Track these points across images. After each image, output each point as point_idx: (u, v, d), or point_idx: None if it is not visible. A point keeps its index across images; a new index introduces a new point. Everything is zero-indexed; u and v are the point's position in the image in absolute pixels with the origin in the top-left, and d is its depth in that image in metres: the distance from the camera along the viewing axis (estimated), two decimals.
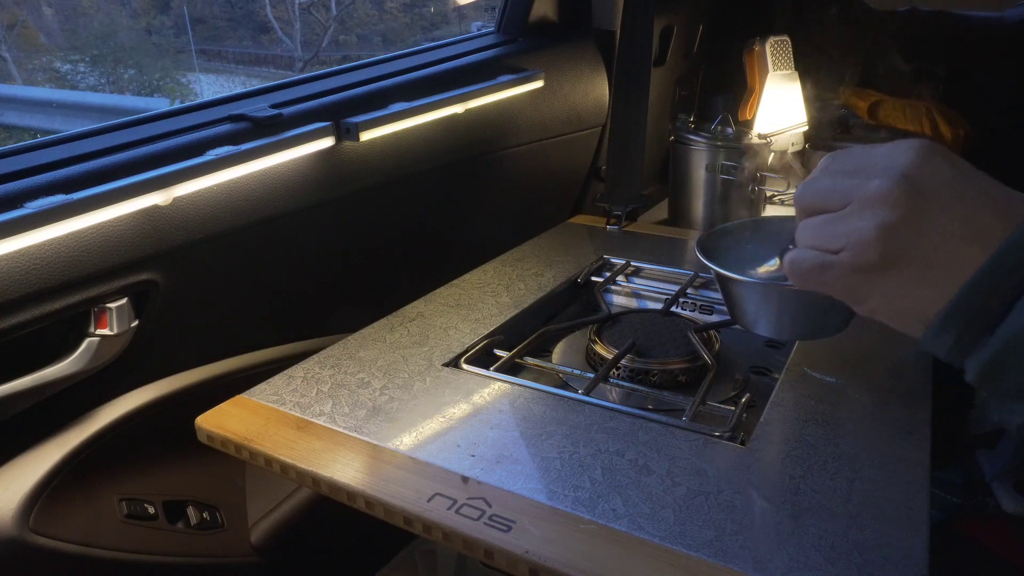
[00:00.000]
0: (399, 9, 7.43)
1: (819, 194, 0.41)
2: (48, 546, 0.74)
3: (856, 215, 0.38)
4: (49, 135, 0.77)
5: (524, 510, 0.53)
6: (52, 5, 5.71)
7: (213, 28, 7.20)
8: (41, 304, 0.68)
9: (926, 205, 0.36)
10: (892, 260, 0.37)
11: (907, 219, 0.36)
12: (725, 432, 0.63)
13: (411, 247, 1.10)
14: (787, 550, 0.49)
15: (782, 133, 1.39)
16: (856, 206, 0.38)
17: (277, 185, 0.85)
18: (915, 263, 0.37)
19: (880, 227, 0.37)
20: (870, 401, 0.67)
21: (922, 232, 0.36)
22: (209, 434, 0.64)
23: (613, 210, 1.17)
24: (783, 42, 1.41)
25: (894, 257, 0.37)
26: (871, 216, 0.37)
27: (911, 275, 0.37)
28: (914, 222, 0.36)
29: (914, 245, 0.37)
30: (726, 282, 0.65)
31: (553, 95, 1.20)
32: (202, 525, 0.88)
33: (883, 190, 0.37)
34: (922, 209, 0.36)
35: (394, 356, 0.76)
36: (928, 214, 0.36)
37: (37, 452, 0.75)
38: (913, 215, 0.36)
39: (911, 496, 0.54)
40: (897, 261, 0.37)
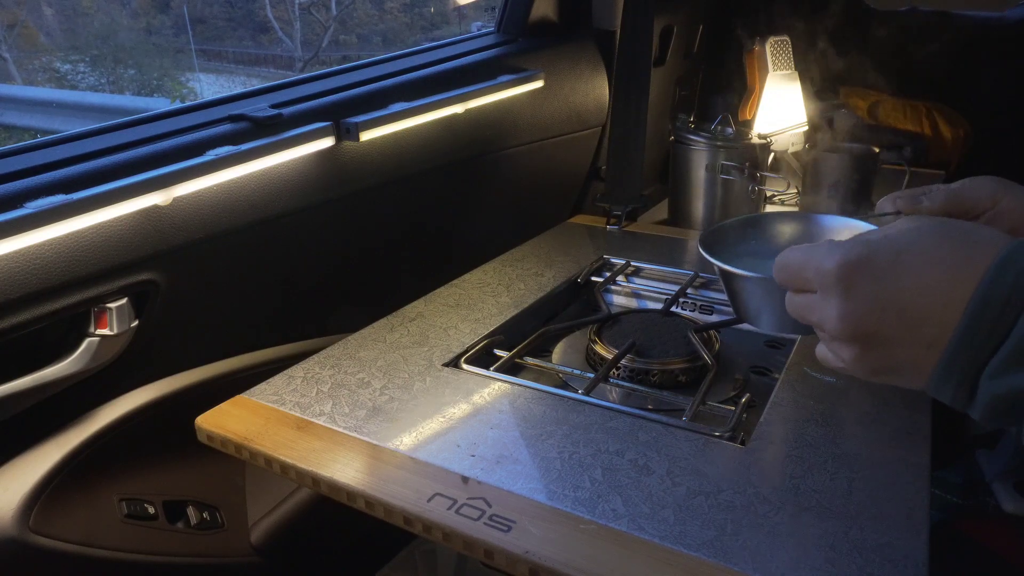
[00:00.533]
0: (399, 9, 7.43)
1: (801, 319, 0.45)
2: (48, 546, 0.74)
3: (834, 346, 0.43)
4: (49, 135, 0.77)
5: (524, 510, 0.53)
6: (52, 5, 5.71)
7: (213, 28, 7.20)
8: (41, 304, 0.68)
9: (876, 331, 0.39)
10: (877, 373, 0.42)
11: (869, 348, 0.40)
12: (725, 432, 0.62)
13: (411, 247, 1.10)
14: (787, 550, 0.49)
15: (782, 133, 1.39)
16: (827, 337, 0.43)
17: (277, 185, 0.85)
18: (896, 372, 0.41)
19: (853, 360, 0.42)
20: (870, 401, 0.67)
21: (884, 351, 0.40)
22: (209, 434, 0.64)
23: (613, 210, 1.17)
24: (783, 42, 1.41)
25: (878, 372, 0.42)
26: (843, 350, 0.42)
27: (896, 376, 0.41)
28: (874, 347, 0.40)
29: (885, 362, 0.41)
30: (729, 278, 0.64)
31: (553, 95, 1.20)
32: (202, 525, 0.88)
33: (835, 331, 0.41)
34: (874, 335, 0.40)
35: (394, 356, 0.76)
36: (880, 337, 0.39)
37: (37, 452, 0.75)
38: (870, 342, 0.40)
39: (911, 496, 0.54)
40: (882, 373, 0.42)
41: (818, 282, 0.41)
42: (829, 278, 0.40)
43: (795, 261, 0.43)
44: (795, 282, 0.44)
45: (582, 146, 1.32)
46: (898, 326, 0.39)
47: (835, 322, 0.40)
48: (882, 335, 0.39)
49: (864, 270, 0.39)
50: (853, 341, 0.41)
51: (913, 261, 0.38)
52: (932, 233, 0.39)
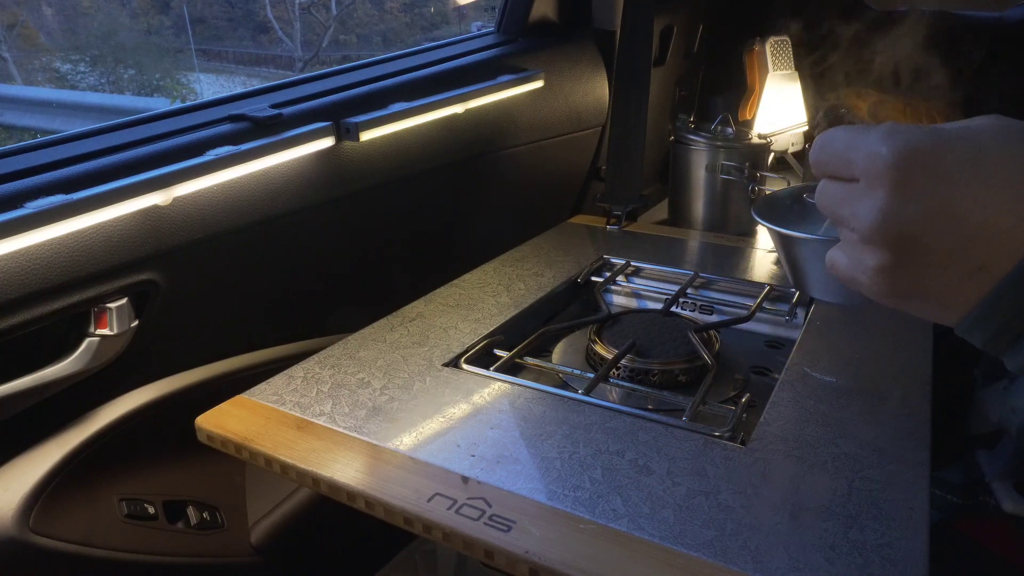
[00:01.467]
0: (399, 9, 7.44)
1: (829, 213, 0.38)
2: (48, 546, 0.74)
3: (860, 248, 0.36)
4: (49, 135, 0.77)
5: (524, 510, 0.53)
6: (52, 5, 5.72)
7: (213, 28, 7.21)
8: (41, 304, 0.68)
9: (918, 241, 0.34)
10: (904, 295, 0.36)
11: (901, 262, 0.34)
12: (725, 432, 0.63)
13: (411, 247, 1.10)
14: (787, 550, 0.49)
15: (782, 133, 1.39)
16: (855, 236, 0.36)
17: (277, 185, 0.85)
18: (927, 295, 0.35)
19: (878, 270, 0.35)
20: (870, 401, 0.67)
21: (920, 270, 0.34)
22: (209, 434, 0.64)
23: (613, 210, 1.17)
24: (783, 42, 1.41)
25: (905, 292, 0.36)
26: (870, 256, 0.35)
27: (926, 303, 0.36)
28: (910, 262, 0.34)
29: (918, 283, 0.35)
30: (784, 241, 0.62)
31: (553, 95, 1.20)
32: (202, 525, 0.88)
33: (869, 231, 0.35)
34: (915, 246, 0.34)
35: (394, 356, 0.76)
36: (922, 250, 0.34)
37: (37, 452, 0.75)
38: (906, 255, 0.34)
39: (911, 496, 0.54)
40: (909, 296, 0.36)
41: (864, 167, 0.34)
42: (880, 165, 0.33)
43: (841, 139, 0.36)
44: (835, 164, 0.36)
45: (582, 146, 1.32)
46: (949, 239, 0.32)
47: (872, 217, 0.34)
48: (925, 246, 0.33)
49: (928, 165, 0.32)
50: (887, 246, 0.34)
51: (987, 166, 0.32)
52: (1016, 137, 0.33)
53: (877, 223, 0.34)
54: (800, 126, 1.43)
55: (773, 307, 0.91)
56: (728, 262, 1.02)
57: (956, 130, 0.33)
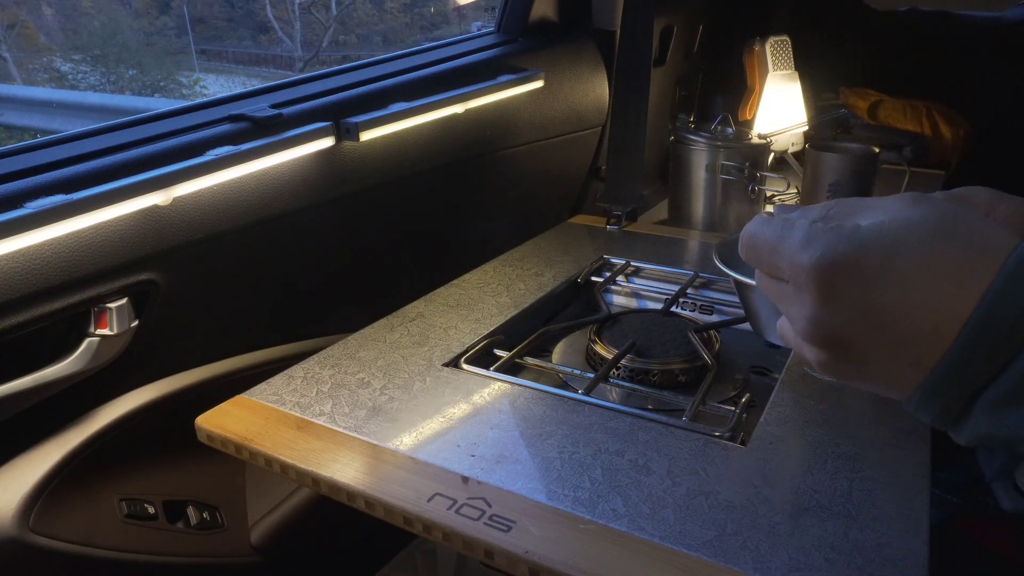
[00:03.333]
0: (399, 9, 7.44)
1: (762, 289, 0.39)
2: (48, 546, 0.74)
3: (799, 340, 0.37)
4: (49, 135, 0.77)
5: (524, 510, 0.53)
6: (52, 5, 5.72)
7: (213, 28, 7.21)
8: (41, 304, 0.68)
9: (851, 344, 0.34)
10: (846, 381, 0.37)
11: (838, 358, 0.35)
12: (725, 432, 0.63)
13: (411, 247, 1.10)
14: (787, 550, 0.49)
15: (782, 133, 1.39)
16: (792, 332, 0.38)
17: (277, 185, 0.85)
18: (866, 384, 0.36)
19: (820, 364, 0.36)
20: (870, 401, 0.67)
21: (856, 369, 0.35)
22: (209, 434, 0.64)
23: (613, 210, 1.17)
24: (783, 42, 1.41)
25: (848, 378, 0.37)
26: (810, 352, 0.37)
27: (874, 384, 0.37)
28: (847, 360, 0.35)
29: (854, 377, 0.36)
30: (742, 288, 0.64)
31: (553, 95, 1.20)
32: (202, 525, 0.88)
33: (803, 332, 0.36)
34: (848, 348, 0.34)
35: (394, 356, 0.76)
36: (856, 352, 0.35)
37: (37, 452, 0.75)
38: (841, 355, 0.35)
39: (911, 496, 0.54)
40: (852, 382, 0.37)
41: (790, 274, 0.35)
42: (802, 276, 0.34)
43: (765, 243, 0.37)
44: (764, 265, 0.38)
45: (582, 146, 1.32)
46: (879, 342, 0.33)
47: (803, 322, 0.35)
48: (858, 348, 0.34)
49: (846, 273, 0.33)
50: (823, 347, 0.35)
51: (906, 267, 0.32)
52: (933, 231, 0.32)
53: (808, 329, 0.35)
54: (800, 126, 1.43)
55: None
56: None
57: (873, 231, 0.33)
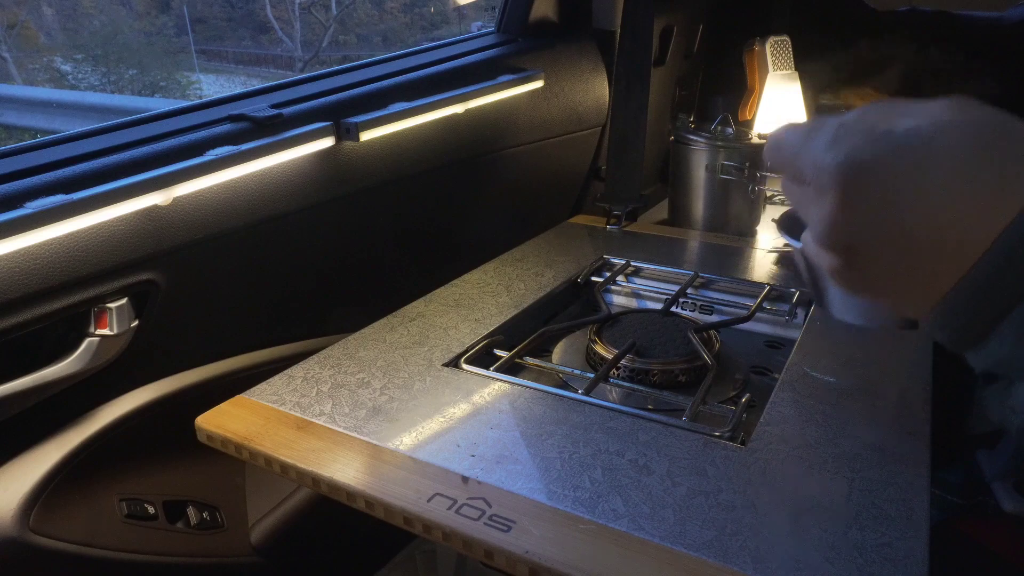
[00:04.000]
0: (399, 9, 7.44)
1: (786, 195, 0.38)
2: (48, 546, 0.74)
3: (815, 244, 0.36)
4: (49, 135, 0.77)
5: (524, 510, 0.53)
6: (52, 5, 5.72)
7: (213, 28, 7.21)
8: (41, 304, 0.68)
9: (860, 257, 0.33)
10: (857, 292, 0.35)
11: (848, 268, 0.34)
12: (725, 432, 0.63)
13: (411, 247, 1.10)
14: (787, 550, 0.49)
15: None
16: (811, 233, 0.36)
17: (277, 185, 0.85)
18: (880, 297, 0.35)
19: (831, 271, 0.35)
20: (870, 401, 0.67)
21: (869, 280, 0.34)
22: (209, 434, 0.64)
23: (613, 210, 1.17)
24: (783, 42, 1.41)
25: (858, 292, 0.35)
26: (823, 256, 0.35)
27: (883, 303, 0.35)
28: (857, 271, 0.34)
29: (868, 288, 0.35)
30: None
31: (553, 95, 1.20)
32: (202, 525, 0.88)
33: (819, 236, 0.34)
34: (859, 261, 0.33)
35: (394, 356, 0.76)
36: (867, 264, 0.33)
37: (37, 452, 0.75)
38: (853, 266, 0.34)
39: (911, 496, 0.54)
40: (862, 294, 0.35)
41: (812, 176, 0.34)
42: (824, 177, 0.33)
43: (790, 143, 0.36)
44: (787, 167, 0.36)
45: (582, 146, 1.32)
46: (895, 253, 0.32)
47: (821, 225, 0.34)
48: (875, 255, 0.32)
49: (872, 178, 0.31)
50: (838, 252, 0.34)
51: (937, 177, 0.30)
52: (974, 139, 0.30)
53: (824, 232, 0.34)
54: None
55: (773, 307, 0.91)
56: (728, 262, 1.02)
57: (907, 135, 0.31)
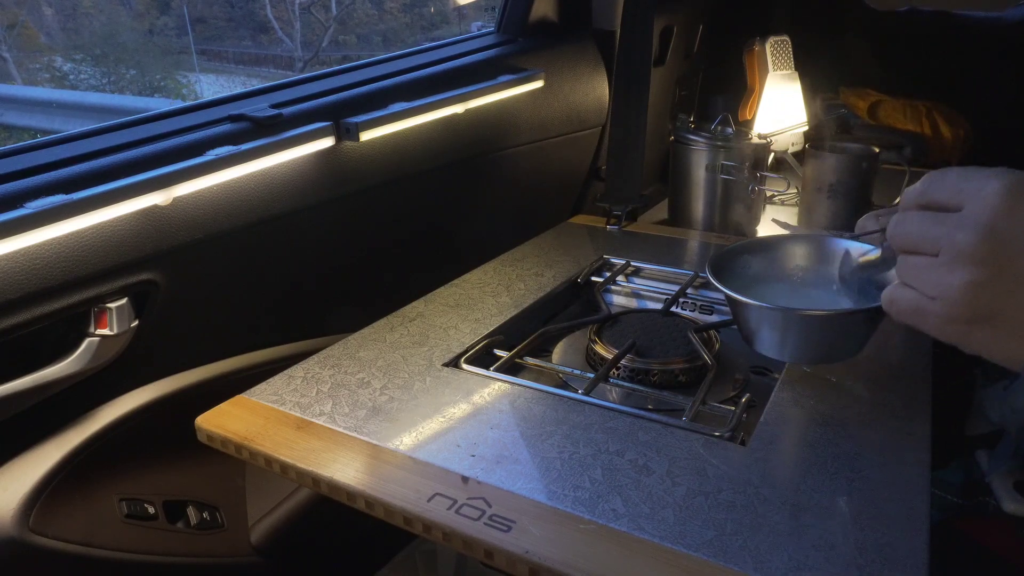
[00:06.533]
0: (399, 9, 7.44)
1: (911, 238, 0.40)
2: (48, 546, 0.74)
3: (946, 268, 0.38)
4: (49, 135, 0.77)
5: (524, 510, 0.53)
6: (52, 5, 5.72)
7: (213, 28, 7.21)
8: (41, 304, 0.68)
9: (1012, 261, 0.36)
10: (982, 315, 0.37)
11: (994, 278, 0.36)
12: (725, 432, 0.62)
13: (411, 247, 1.10)
14: (787, 550, 0.49)
15: (782, 133, 1.39)
16: (945, 258, 0.38)
17: (277, 185, 0.85)
18: (1005, 319, 0.37)
19: (968, 285, 0.37)
20: (870, 401, 0.67)
21: (1009, 289, 0.36)
22: (209, 434, 0.64)
23: (613, 210, 1.17)
24: (783, 42, 1.41)
25: (984, 313, 0.37)
26: (959, 273, 0.37)
27: (1003, 329, 0.37)
28: (1000, 280, 0.36)
29: (1003, 302, 0.37)
30: (735, 304, 0.66)
31: (553, 95, 1.20)
32: (202, 525, 0.88)
33: (968, 247, 0.37)
34: (1008, 266, 0.36)
35: (394, 356, 0.76)
36: (1014, 270, 0.36)
37: (37, 452, 0.75)
38: (999, 273, 0.36)
39: (911, 496, 0.54)
40: (987, 316, 0.37)
41: (973, 194, 0.37)
42: (990, 191, 0.36)
43: (955, 173, 0.39)
44: (943, 194, 0.39)
45: (582, 146, 1.32)
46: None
47: (976, 233, 0.36)
48: (1022, 266, 0.35)
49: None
50: (985, 261, 0.36)
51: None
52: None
53: (979, 238, 0.36)
54: (800, 126, 1.43)
55: None
56: None
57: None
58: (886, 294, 0.43)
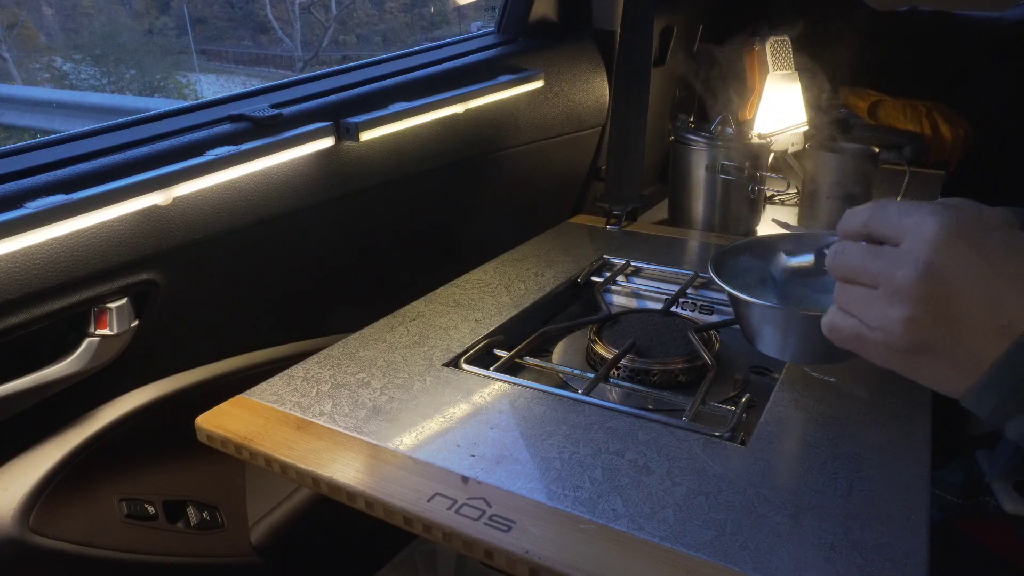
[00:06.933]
0: (399, 9, 7.43)
1: (851, 269, 0.42)
2: (48, 546, 0.74)
3: (885, 301, 0.39)
4: (49, 135, 0.77)
5: (524, 510, 0.53)
6: (52, 5, 5.71)
7: (213, 28, 7.20)
8: (41, 304, 0.68)
9: (949, 299, 0.37)
10: (920, 348, 0.39)
11: (930, 313, 0.38)
12: (725, 432, 0.63)
13: (411, 247, 1.10)
14: (787, 550, 0.49)
15: (782, 133, 1.39)
16: (884, 292, 0.39)
17: (277, 185, 0.85)
18: (942, 352, 0.38)
19: (905, 321, 0.38)
20: (870, 401, 0.67)
21: (947, 324, 0.38)
22: (209, 434, 0.64)
23: (613, 210, 1.17)
24: (783, 42, 1.41)
25: (921, 346, 0.39)
26: (897, 308, 0.39)
27: (940, 361, 0.39)
28: (937, 316, 0.38)
29: (940, 336, 0.38)
30: (737, 302, 0.66)
31: (553, 95, 1.20)
32: (202, 525, 0.88)
33: (906, 283, 0.38)
34: (947, 302, 0.37)
35: (394, 356, 0.76)
36: (952, 306, 0.37)
37: (37, 452, 0.75)
38: (936, 309, 0.38)
39: (911, 496, 0.54)
40: (925, 349, 0.39)
41: (914, 229, 0.38)
42: (928, 230, 0.38)
43: (896, 208, 0.40)
44: (883, 226, 0.41)
45: (582, 146, 1.32)
46: (981, 296, 0.37)
47: (914, 270, 0.38)
48: (957, 300, 0.37)
49: (971, 236, 0.37)
50: (921, 299, 0.38)
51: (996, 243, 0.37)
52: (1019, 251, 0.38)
53: (917, 276, 0.37)
54: (800, 126, 1.43)
55: None
56: None
57: (997, 218, 0.38)
58: (826, 320, 0.44)
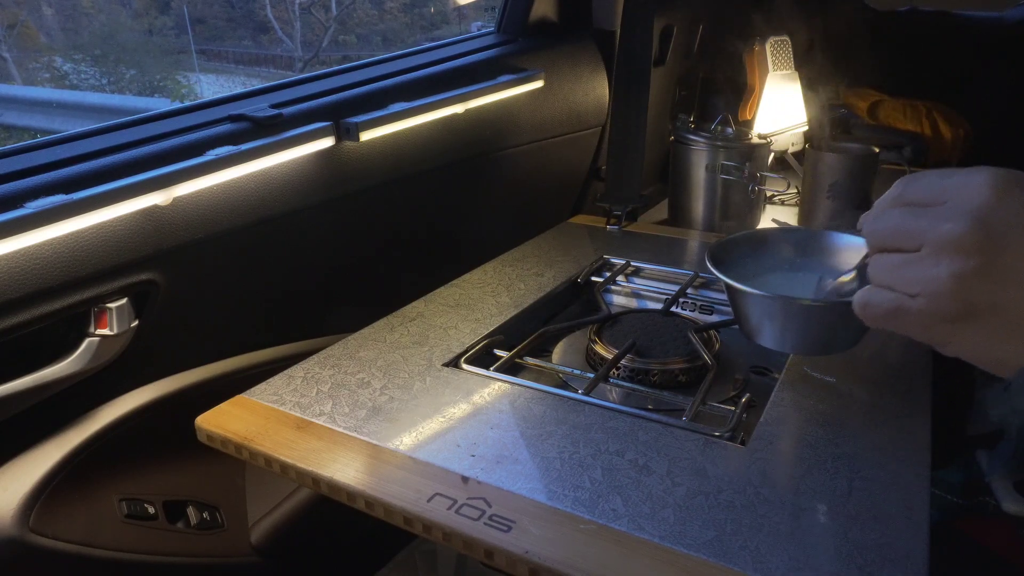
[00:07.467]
0: (399, 9, 7.43)
1: (889, 233, 0.38)
2: (48, 546, 0.74)
3: (930, 260, 0.35)
4: (49, 135, 0.77)
5: (524, 510, 0.53)
6: (52, 5, 5.72)
7: (213, 28, 7.21)
8: (41, 304, 0.68)
9: (1003, 251, 0.34)
10: (970, 311, 0.35)
11: (983, 268, 0.34)
12: (725, 432, 0.62)
13: (411, 247, 1.10)
14: (787, 550, 0.49)
15: (782, 133, 1.39)
16: (929, 250, 0.36)
17: (277, 185, 0.85)
18: (995, 314, 0.35)
19: (955, 277, 0.35)
20: (870, 401, 0.67)
21: (1000, 281, 0.34)
22: (209, 434, 0.64)
23: (613, 210, 1.17)
24: (783, 42, 1.41)
25: (972, 308, 0.35)
26: (946, 264, 0.35)
27: (992, 326, 0.35)
28: (991, 271, 0.34)
29: (992, 295, 0.34)
30: (735, 293, 0.66)
31: (553, 95, 1.20)
32: (202, 525, 0.88)
33: (956, 235, 0.34)
34: (999, 256, 0.34)
35: (394, 356, 0.76)
36: (1005, 261, 0.34)
37: (37, 452, 0.75)
38: (989, 263, 0.34)
39: (911, 496, 0.54)
40: (975, 312, 0.35)
41: (958, 189, 0.35)
42: (975, 183, 0.34)
43: (934, 174, 0.37)
44: (924, 193, 0.37)
45: (582, 146, 1.32)
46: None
47: (965, 221, 0.34)
48: (1014, 250, 0.33)
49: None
50: (974, 254, 0.34)
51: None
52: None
53: (970, 226, 0.34)
54: (800, 126, 1.43)
55: None
56: None
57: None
58: (858, 297, 0.40)
